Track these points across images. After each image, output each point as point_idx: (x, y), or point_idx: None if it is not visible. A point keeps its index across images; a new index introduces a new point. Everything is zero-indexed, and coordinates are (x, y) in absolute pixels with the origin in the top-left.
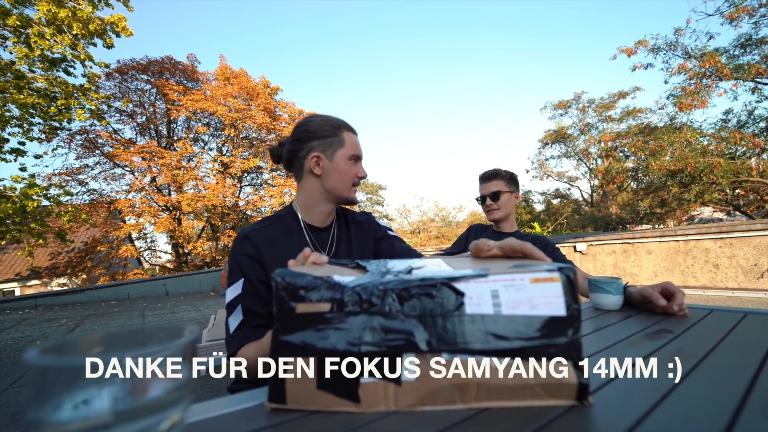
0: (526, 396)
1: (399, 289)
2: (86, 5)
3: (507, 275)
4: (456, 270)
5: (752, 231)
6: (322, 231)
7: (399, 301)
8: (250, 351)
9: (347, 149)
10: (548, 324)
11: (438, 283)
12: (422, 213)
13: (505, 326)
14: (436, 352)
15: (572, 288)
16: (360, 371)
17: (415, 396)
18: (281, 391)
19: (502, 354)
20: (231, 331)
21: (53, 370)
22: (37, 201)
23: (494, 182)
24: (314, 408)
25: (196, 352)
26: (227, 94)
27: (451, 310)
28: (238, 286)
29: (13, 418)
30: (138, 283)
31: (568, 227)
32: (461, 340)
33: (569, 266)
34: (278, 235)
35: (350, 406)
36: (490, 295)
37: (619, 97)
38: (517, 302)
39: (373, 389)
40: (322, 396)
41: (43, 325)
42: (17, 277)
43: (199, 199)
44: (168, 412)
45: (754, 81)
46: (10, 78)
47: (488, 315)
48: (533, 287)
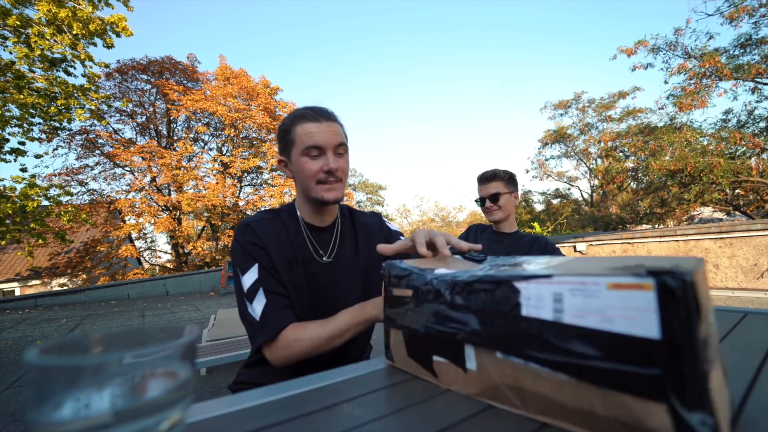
0: (596, 427)
1: (465, 283)
2: (86, 5)
3: (578, 277)
4: (535, 269)
5: (752, 231)
6: (323, 231)
7: (463, 295)
8: (313, 329)
9: (299, 144)
10: (628, 345)
11: (498, 281)
12: (422, 213)
13: (565, 337)
14: (490, 349)
15: (680, 302)
16: (431, 350)
17: (478, 386)
18: (391, 353)
19: (560, 368)
20: (257, 317)
21: (53, 370)
22: (37, 201)
23: (493, 184)
24: (410, 371)
25: (196, 352)
26: (227, 94)
27: (506, 310)
28: (254, 272)
29: (13, 418)
30: (138, 283)
31: (568, 227)
32: (514, 342)
33: (681, 270)
34: (278, 230)
35: (431, 377)
36: (551, 298)
37: (619, 97)
38: (584, 311)
39: (446, 368)
40: (411, 363)
41: (43, 325)
42: (17, 277)
43: (199, 199)
44: (168, 412)
45: (754, 81)
46: (10, 78)
47: (546, 321)
48: (610, 295)
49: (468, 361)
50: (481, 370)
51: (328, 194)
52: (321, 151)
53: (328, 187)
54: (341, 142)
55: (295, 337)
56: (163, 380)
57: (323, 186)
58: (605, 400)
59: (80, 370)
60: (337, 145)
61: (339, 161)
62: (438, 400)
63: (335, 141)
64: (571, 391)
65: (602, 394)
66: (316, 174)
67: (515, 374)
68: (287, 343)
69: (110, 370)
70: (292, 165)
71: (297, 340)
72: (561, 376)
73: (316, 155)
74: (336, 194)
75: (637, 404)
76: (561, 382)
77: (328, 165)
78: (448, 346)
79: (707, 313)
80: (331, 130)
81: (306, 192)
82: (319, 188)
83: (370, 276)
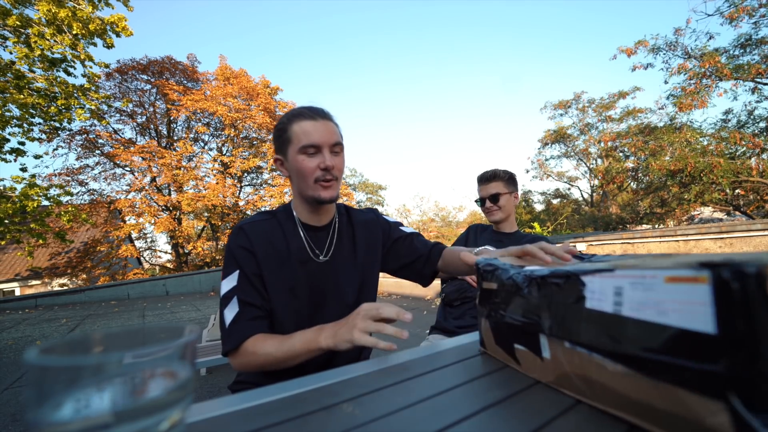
0: (657, 421)
1: (540, 277)
2: (86, 5)
3: (638, 270)
4: (601, 264)
5: (752, 231)
6: (319, 230)
7: (537, 288)
8: (270, 345)
9: (296, 142)
10: (683, 339)
11: (567, 275)
12: (422, 213)
13: (623, 329)
14: (559, 339)
15: (738, 297)
16: (513, 339)
17: (553, 374)
18: (482, 339)
19: (619, 359)
20: (227, 324)
21: (53, 369)
22: (37, 201)
23: (493, 184)
24: (499, 358)
25: (196, 352)
26: (227, 94)
27: (572, 302)
28: (233, 278)
29: (13, 418)
30: (138, 283)
31: (568, 227)
32: (577, 333)
33: (739, 263)
34: (273, 231)
35: (515, 364)
36: (612, 291)
37: (619, 97)
38: (642, 304)
39: (526, 356)
40: (498, 350)
41: (43, 325)
42: (17, 278)
43: (199, 199)
44: (168, 412)
45: (753, 81)
46: (11, 78)
47: (607, 313)
48: (667, 288)
49: (543, 350)
50: (554, 358)
51: (324, 193)
52: (318, 149)
53: (324, 185)
54: (337, 141)
55: (252, 350)
56: (163, 380)
57: (320, 184)
58: (663, 394)
59: (80, 370)
60: (333, 143)
61: (335, 159)
62: (439, 399)
63: (332, 139)
64: (631, 383)
65: (660, 387)
66: (313, 171)
67: (581, 364)
68: (246, 354)
69: (110, 370)
70: (289, 163)
71: (253, 354)
72: (620, 367)
73: (312, 153)
74: (332, 193)
75: (694, 400)
76: (621, 373)
77: (325, 162)
78: (526, 335)
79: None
80: (327, 129)
81: (302, 191)
82: (316, 186)
83: (367, 274)
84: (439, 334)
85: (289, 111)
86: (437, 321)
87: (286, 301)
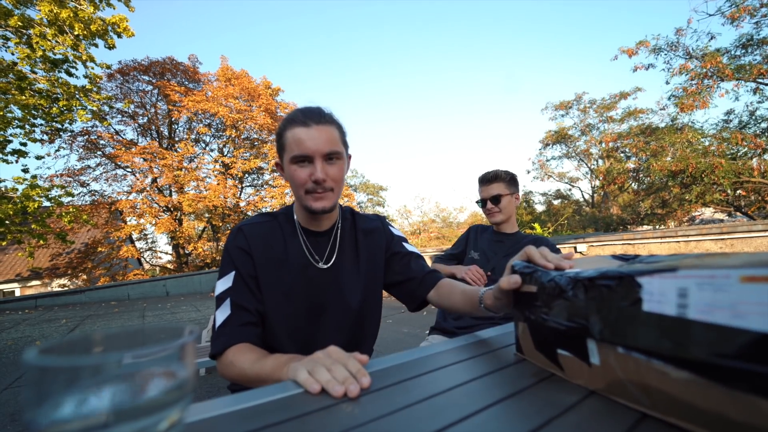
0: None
1: (587, 279)
2: (88, 6)
3: (706, 270)
4: (659, 264)
5: (753, 232)
6: (320, 235)
7: (584, 291)
8: (246, 360)
9: (288, 150)
10: (764, 344)
11: (620, 276)
12: (423, 214)
13: (690, 334)
14: (611, 344)
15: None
16: (556, 343)
17: (603, 382)
18: (519, 345)
19: (685, 366)
20: (217, 326)
21: (52, 370)
22: (38, 202)
23: (495, 185)
24: (538, 364)
25: (196, 353)
26: (228, 94)
27: (625, 305)
28: (228, 279)
29: (13, 418)
30: (138, 283)
31: (568, 228)
32: (633, 338)
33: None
34: (272, 233)
35: (557, 371)
36: (676, 293)
37: (620, 98)
38: (713, 306)
39: (571, 362)
40: (538, 355)
41: (42, 326)
42: (17, 278)
43: (200, 200)
44: (167, 412)
45: (755, 81)
46: (12, 79)
47: (669, 316)
48: (744, 288)
49: (591, 356)
50: (604, 365)
51: (315, 204)
52: (309, 160)
53: (316, 196)
54: (332, 149)
55: (231, 359)
56: (163, 380)
57: (311, 195)
58: (739, 404)
59: (79, 370)
60: (327, 152)
61: (330, 169)
62: (439, 399)
63: (325, 148)
64: (700, 391)
65: (735, 396)
66: (304, 183)
67: (639, 370)
68: (225, 363)
69: (109, 370)
70: (285, 170)
71: (231, 364)
72: (686, 374)
73: (303, 163)
74: (324, 204)
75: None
76: (687, 381)
77: (315, 175)
78: (571, 340)
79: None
80: (320, 136)
81: (297, 199)
82: (308, 198)
83: (371, 283)
84: (439, 335)
85: (288, 114)
86: (437, 321)
87: (280, 305)
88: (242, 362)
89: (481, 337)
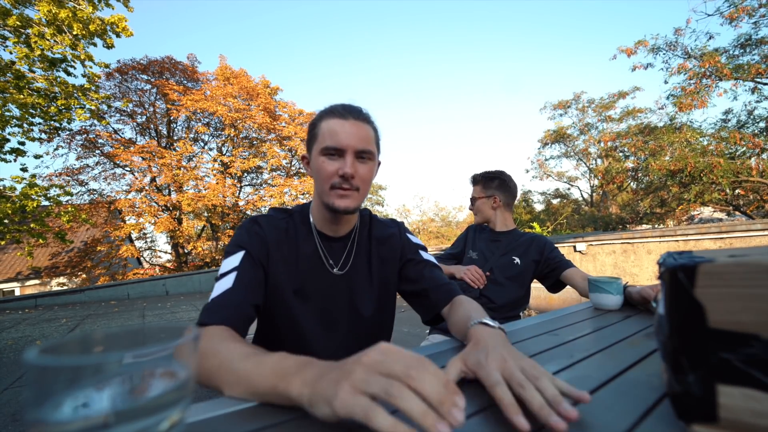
0: None
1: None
2: (86, 6)
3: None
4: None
5: (752, 231)
6: (335, 241)
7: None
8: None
9: (320, 141)
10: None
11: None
12: (422, 213)
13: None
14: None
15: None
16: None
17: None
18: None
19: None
20: (212, 297)
21: (53, 369)
22: (37, 201)
23: (474, 188)
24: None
25: (197, 353)
26: (227, 94)
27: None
28: (236, 258)
29: (13, 418)
30: (138, 283)
31: (567, 227)
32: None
33: None
34: (287, 231)
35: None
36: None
37: (618, 97)
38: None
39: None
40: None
41: (42, 325)
42: (17, 277)
43: (199, 199)
44: (168, 412)
45: (753, 81)
46: (11, 78)
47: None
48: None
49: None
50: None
51: (338, 201)
52: (340, 153)
53: (341, 193)
54: (365, 147)
55: (206, 345)
56: (163, 380)
57: (336, 191)
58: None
59: (80, 370)
60: (360, 149)
61: (360, 167)
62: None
63: (359, 145)
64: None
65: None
66: (330, 176)
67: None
68: (203, 343)
69: (110, 370)
70: (312, 162)
71: (204, 352)
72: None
73: (334, 156)
74: (348, 203)
75: None
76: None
77: (344, 169)
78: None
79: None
80: (357, 132)
81: (320, 195)
82: (332, 193)
83: (384, 292)
84: (440, 334)
85: (326, 106)
86: None
87: (289, 305)
88: (230, 351)
89: None
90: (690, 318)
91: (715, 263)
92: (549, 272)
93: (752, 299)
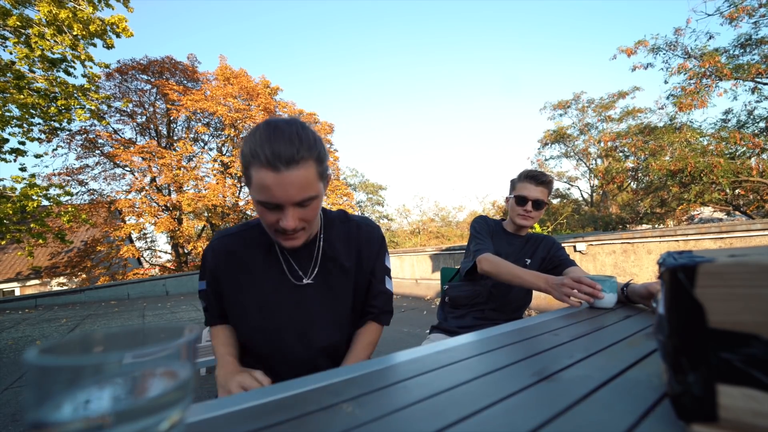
0: None
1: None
2: (86, 6)
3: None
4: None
5: (752, 231)
6: (299, 249)
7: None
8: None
9: (254, 190)
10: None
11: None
12: (422, 213)
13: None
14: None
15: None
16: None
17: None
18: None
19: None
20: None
21: (53, 370)
22: (37, 201)
23: (542, 189)
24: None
25: (196, 352)
26: (227, 94)
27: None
28: (203, 284)
29: (13, 418)
30: (138, 283)
31: (567, 227)
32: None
33: None
34: (245, 246)
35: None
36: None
37: (618, 97)
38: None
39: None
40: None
41: (42, 325)
42: (17, 277)
43: (200, 199)
44: (168, 412)
45: (753, 81)
46: (11, 78)
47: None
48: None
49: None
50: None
51: (286, 243)
52: (279, 207)
53: (286, 237)
54: (305, 196)
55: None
56: (163, 380)
57: (280, 236)
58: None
59: (80, 370)
60: (298, 201)
61: (302, 212)
62: (439, 399)
63: (297, 196)
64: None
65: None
66: (272, 225)
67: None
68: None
69: (110, 370)
70: (252, 201)
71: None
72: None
73: (273, 208)
74: (297, 243)
75: None
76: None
77: (285, 223)
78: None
79: None
80: (292, 182)
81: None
82: (278, 237)
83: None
84: (440, 334)
85: (251, 133)
86: (438, 321)
87: (254, 319)
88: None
89: (482, 336)
90: (690, 318)
91: (715, 263)
92: (552, 269)
93: (752, 299)
